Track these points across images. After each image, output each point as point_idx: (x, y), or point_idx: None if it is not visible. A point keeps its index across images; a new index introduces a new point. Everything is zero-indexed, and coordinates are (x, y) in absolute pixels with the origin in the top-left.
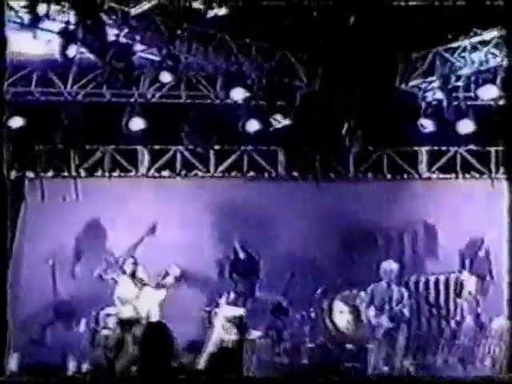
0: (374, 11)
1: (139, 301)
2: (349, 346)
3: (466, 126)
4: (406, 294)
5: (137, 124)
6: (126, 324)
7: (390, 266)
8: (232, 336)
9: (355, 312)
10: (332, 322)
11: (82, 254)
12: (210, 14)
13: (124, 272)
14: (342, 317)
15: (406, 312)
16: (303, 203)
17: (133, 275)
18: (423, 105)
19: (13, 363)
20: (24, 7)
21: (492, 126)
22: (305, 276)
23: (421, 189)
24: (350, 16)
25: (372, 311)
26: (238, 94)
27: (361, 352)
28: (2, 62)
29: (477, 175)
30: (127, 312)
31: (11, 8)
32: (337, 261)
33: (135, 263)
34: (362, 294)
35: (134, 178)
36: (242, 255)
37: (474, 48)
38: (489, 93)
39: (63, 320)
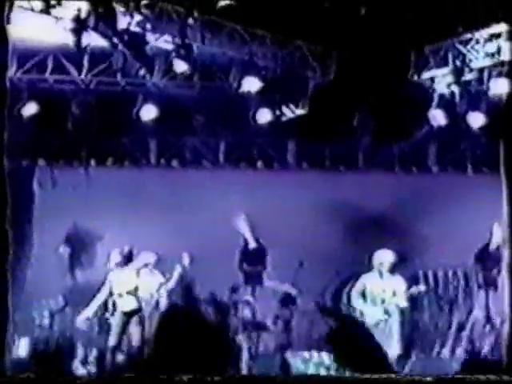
0: (386, 3)
1: (139, 290)
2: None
3: (477, 120)
4: (404, 285)
5: (148, 113)
6: (128, 316)
7: (384, 255)
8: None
9: None
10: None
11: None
12: (221, 3)
13: (114, 264)
14: None
15: (402, 303)
16: (312, 194)
17: (126, 264)
18: (435, 97)
19: (22, 348)
20: None
21: (504, 120)
22: (313, 266)
23: (430, 183)
24: (361, 7)
25: (358, 301)
26: (251, 84)
27: None
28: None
29: (487, 171)
30: (129, 303)
31: None
32: (346, 251)
33: (129, 253)
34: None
35: (145, 168)
36: (251, 244)
37: (487, 40)
38: (501, 87)
39: (73, 306)
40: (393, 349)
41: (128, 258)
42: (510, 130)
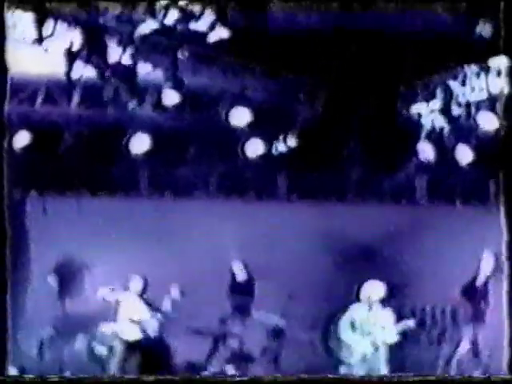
0: (375, 38)
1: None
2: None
3: (465, 155)
4: (392, 319)
5: (140, 144)
6: (132, 345)
7: (374, 288)
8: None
9: None
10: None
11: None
12: (213, 36)
13: (128, 290)
14: None
15: (390, 338)
16: (302, 225)
17: (141, 294)
18: (424, 131)
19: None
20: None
21: (492, 154)
22: (303, 297)
23: (419, 215)
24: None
25: (346, 332)
26: (242, 117)
27: None
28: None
29: (476, 204)
30: (134, 333)
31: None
32: (336, 283)
33: (144, 280)
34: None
35: (137, 199)
36: (240, 276)
37: (476, 75)
38: (489, 121)
39: (62, 335)
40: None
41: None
42: (508, 162)
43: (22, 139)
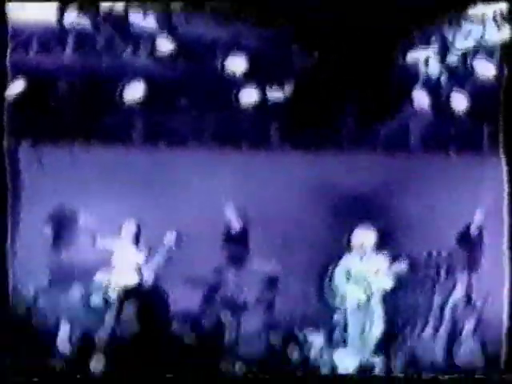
0: None
1: (142, 267)
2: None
3: (461, 103)
4: (386, 265)
5: (134, 93)
6: (128, 292)
7: (364, 235)
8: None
9: None
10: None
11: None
12: None
13: (124, 237)
14: None
15: (384, 283)
16: (296, 175)
17: (136, 240)
18: (419, 79)
19: None
20: None
21: (488, 102)
22: (298, 246)
23: (413, 164)
24: None
25: (341, 280)
26: (237, 65)
27: None
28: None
29: (471, 153)
30: (130, 280)
31: None
32: (329, 233)
33: (138, 226)
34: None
35: (131, 148)
36: (234, 225)
37: (474, 22)
38: (487, 69)
39: (57, 285)
40: (375, 329)
41: (138, 234)
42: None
43: (15, 88)
